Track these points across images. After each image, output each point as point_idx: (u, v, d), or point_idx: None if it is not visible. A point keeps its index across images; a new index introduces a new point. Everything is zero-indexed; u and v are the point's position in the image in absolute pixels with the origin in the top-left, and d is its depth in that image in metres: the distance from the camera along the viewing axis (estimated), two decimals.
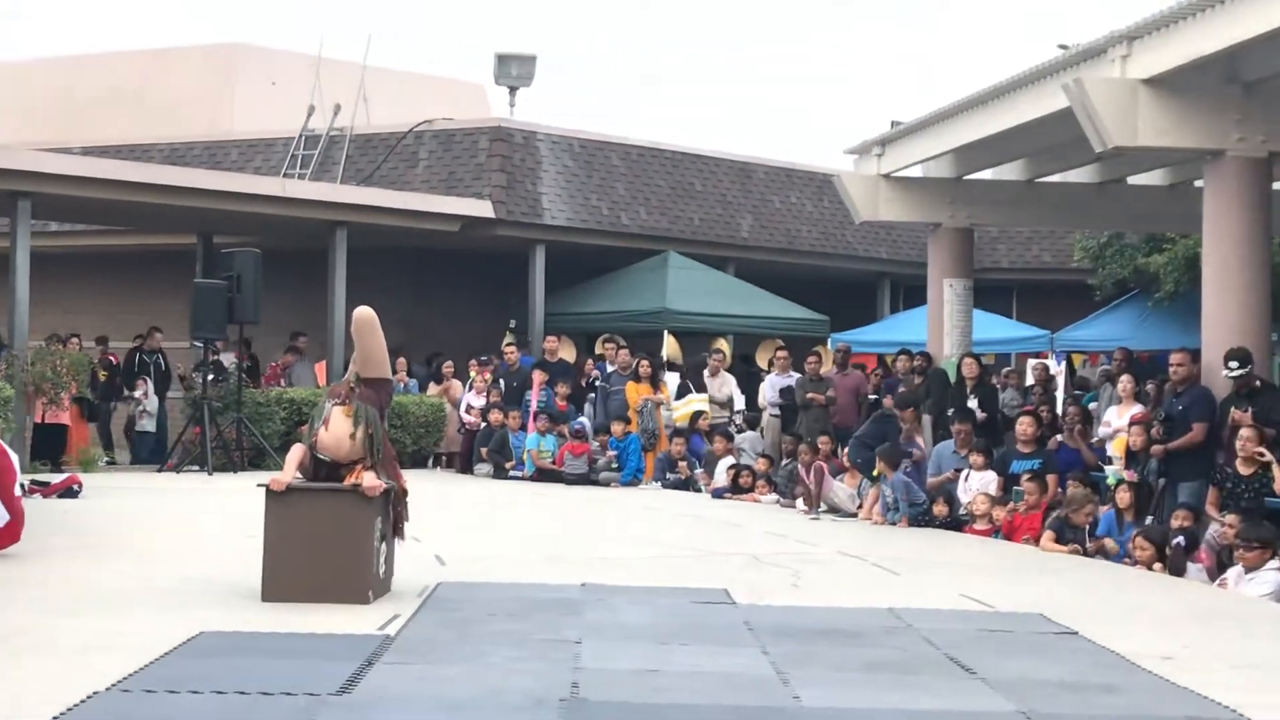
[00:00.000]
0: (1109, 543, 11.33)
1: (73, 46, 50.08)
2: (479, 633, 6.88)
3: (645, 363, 17.86)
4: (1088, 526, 11.52)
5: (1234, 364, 12.39)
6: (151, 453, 18.93)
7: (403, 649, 6.46)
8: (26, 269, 17.09)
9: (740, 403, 18.18)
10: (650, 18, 61.24)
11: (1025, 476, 12.72)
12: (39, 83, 27.84)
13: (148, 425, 19.23)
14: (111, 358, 19.64)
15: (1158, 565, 10.42)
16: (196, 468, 16.53)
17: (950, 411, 14.93)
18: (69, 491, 13.12)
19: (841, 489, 13.98)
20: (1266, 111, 12.98)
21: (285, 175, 21.51)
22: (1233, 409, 12.29)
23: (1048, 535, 11.59)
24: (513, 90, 24.84)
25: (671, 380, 18.48)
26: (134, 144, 23.07)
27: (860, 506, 13.61)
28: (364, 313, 8.19)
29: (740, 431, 17.19)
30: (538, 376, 18.03)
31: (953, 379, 16.47)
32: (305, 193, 19.62)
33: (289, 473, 7.90)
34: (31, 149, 19.80)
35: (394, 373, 18.85)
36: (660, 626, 7.20)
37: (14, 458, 9.52)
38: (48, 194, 17.40)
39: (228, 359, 18.34)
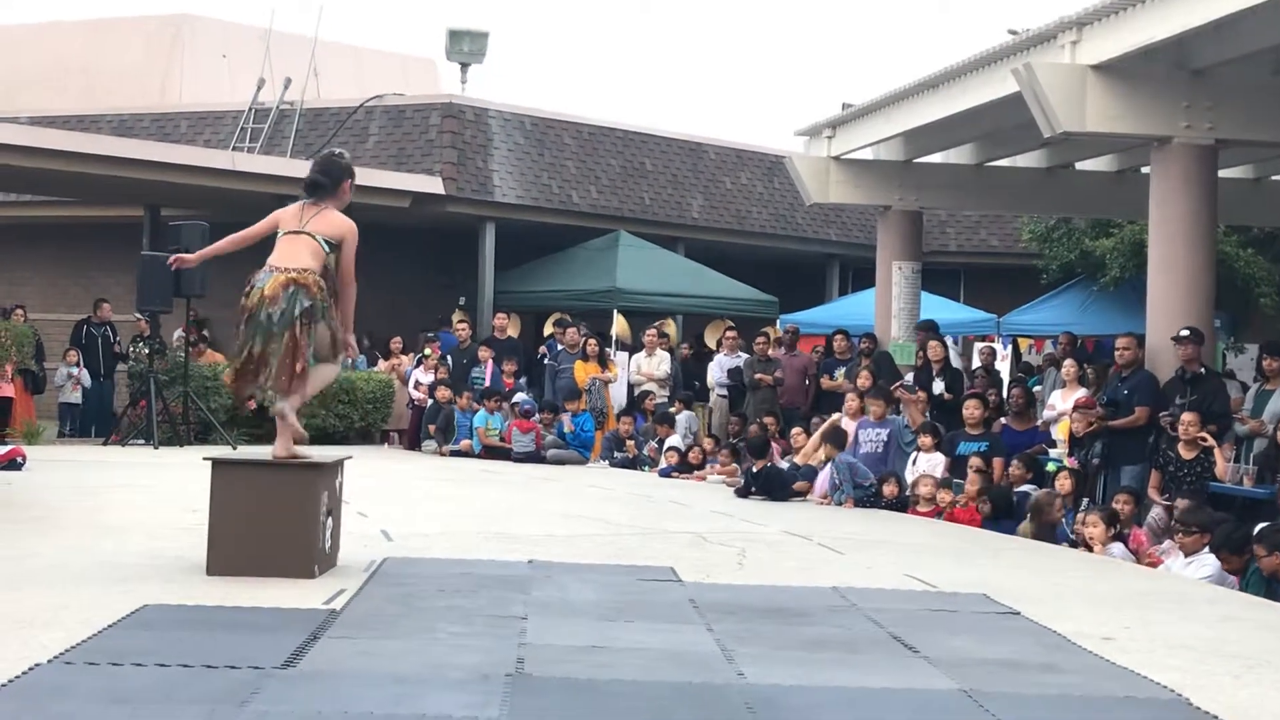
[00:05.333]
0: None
1: (21, 16, 49.45)
2: (425, 608, 6.88)
3: (593, 342, 17.87)
4: (1062, 520, 11.52)
5: (1185, 332, 12.48)
6: (79, 425, 18.78)
7: (348, 623, 6.44)
8: None
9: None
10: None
11: (973, 460, 12.83)
12: None
13: (74, 397, 19.02)
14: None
15: (1109, 545, 10.50)
16: (142, 441, 16.43)
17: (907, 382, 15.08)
18: (12, 464, 12.99)
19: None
20: (1214, 99, 13.11)
21: (235, 149, 21.36)
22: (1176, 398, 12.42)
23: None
24: (464, 66, 24.75)
25: (620, 360, 18.52)
26: (82, 115, 22.87)
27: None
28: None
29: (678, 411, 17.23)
30: (484, 353, 18.03)
31: (911, 362, 16.57)
32: (255, 166, 19.50)
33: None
34: None
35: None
36: (606, 604, 7.22)
37: None
38: None
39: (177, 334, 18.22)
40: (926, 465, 13.18)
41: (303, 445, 7.96)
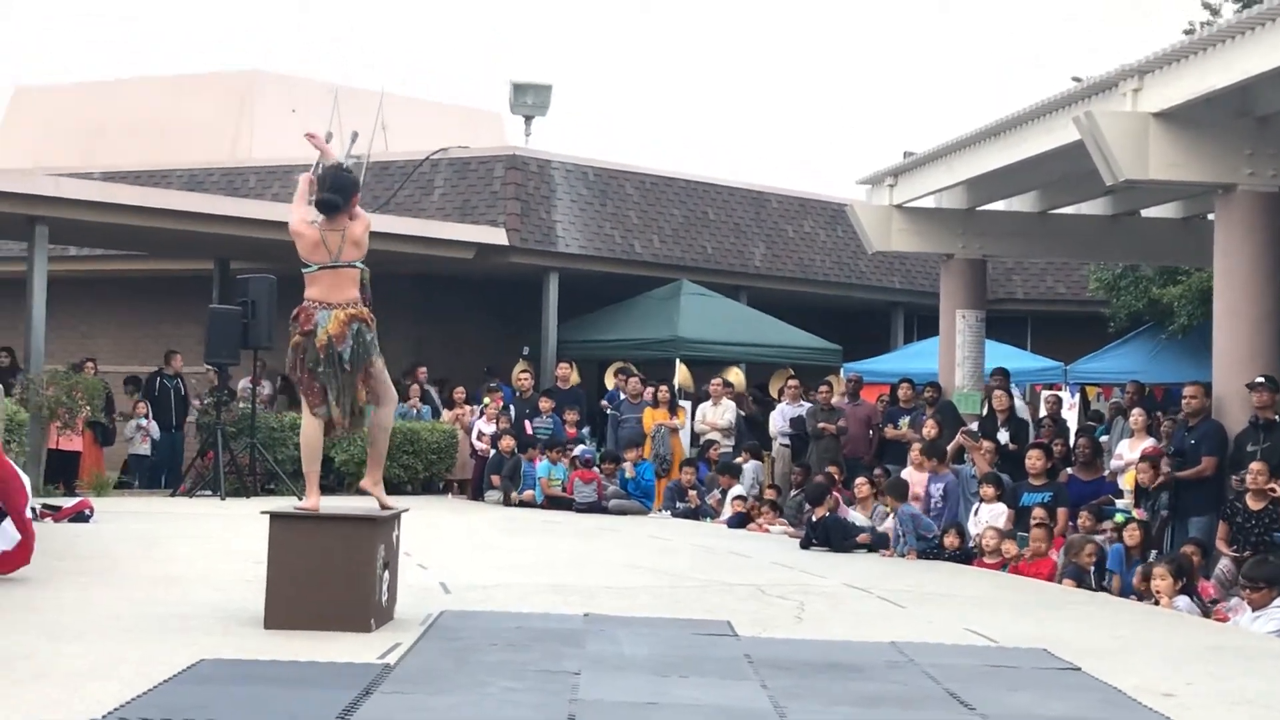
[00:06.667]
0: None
1: (96, 73, 50.40)
2: (478, 662, 6.89)
3: (664, 388, 17.92)
4: (1093, 564, 11.45)
5: (1260, 379, 12.29)
6: (148, 477, 19.00)
7: (401, 678, 6.47)
8: (43, 294, 17.20)
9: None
10: (666, 48, 61.48)
11: (1036, 511, 12.69)
12: (61, 109, 28.06)
13: (143, 449, 19.22)
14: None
15: (1179, 598, 10.35)
16: (209, 492, 16.59)
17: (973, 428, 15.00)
18: (80, 516, 13.16)
19: (858, 517, 14.00)
20: (1278, 146, 12.97)
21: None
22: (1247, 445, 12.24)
23: (1067, 583, 11.50)
24: (528, 119, 24.96)
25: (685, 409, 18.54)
26: (154, 170, 23.23)
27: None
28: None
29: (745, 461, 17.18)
30: (544, 404, 18.12)
31: (977, 411, 16.46)
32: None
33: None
34: (51, 174, 19.95)
35: (414, 382, 19.04)
36: (660, 658, 7.20)
37: (26, 480, 9.58)
38: (66, 219, 17.53)
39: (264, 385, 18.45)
40: (989, 516, 13.06)
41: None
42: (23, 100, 29.11)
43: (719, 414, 18.05)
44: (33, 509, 12.00)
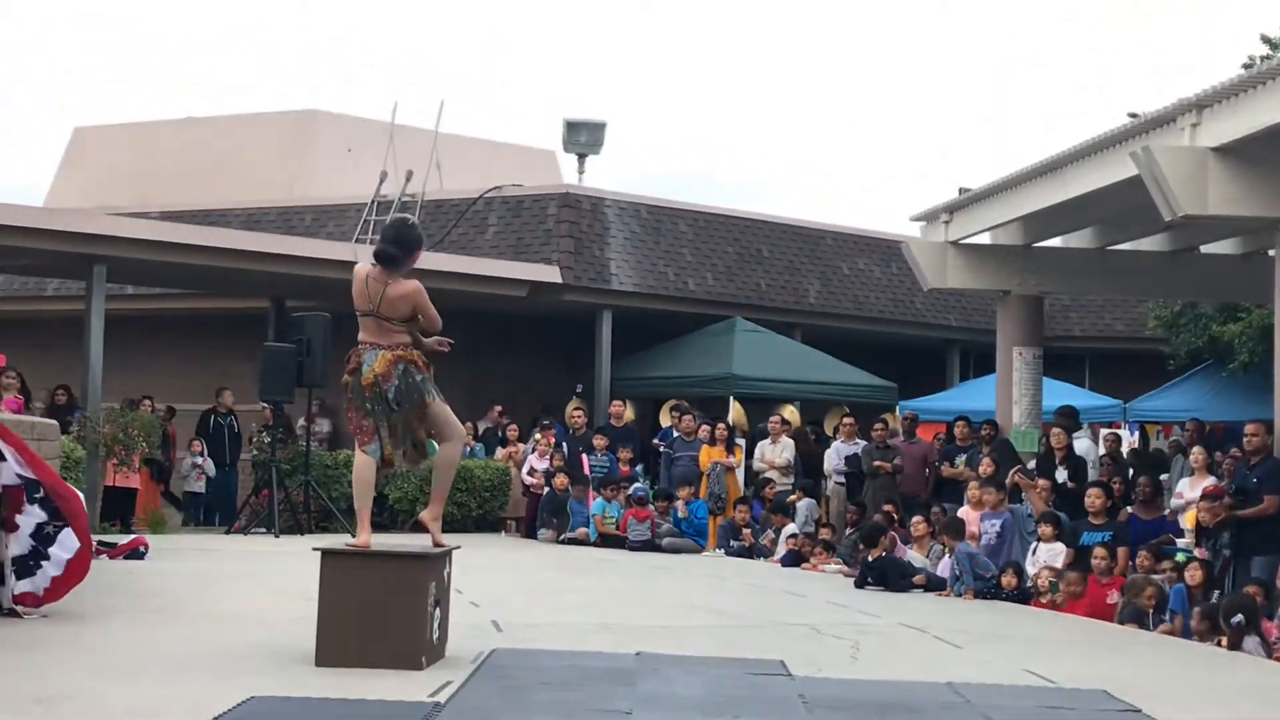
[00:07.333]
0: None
1: (153, 112, 51.06)
2: (529, 701, 6.83)
3: (721, 426, 17.84)
4: (1152, 606, 11.27)
5: None
6: (203, 514, 19.10)
7: (452, 716, 6.42)
8: (101, 332, 17.35)
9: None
10: (719, 85, 61.61)
11: (1096, 550, 12.51)
12: (120, 148, 28.37)
13: (198, 486, 19.33)
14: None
15: (1245, 639, 10.18)
16: (264, 530, 16.63)
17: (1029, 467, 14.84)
18: (135, 553, 13.21)
19: (915, 556, 13.87)
20: None
21: (357, 241, 21.71)
22: None
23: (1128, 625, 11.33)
24: (582, 157, 25.02)
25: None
26: (210, 209, 23.42)
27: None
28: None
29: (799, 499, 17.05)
30: (598, 442, 18.08)
31: (1034, 449, 16.29)
32: None
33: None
34: (110, 213, 20.15)
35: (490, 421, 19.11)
36: (713, 699, 7.11)
37: (81, 497, 9.64)
38: (124, 258, 17.67)
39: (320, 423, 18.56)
40: (1047, 555, 12.90)
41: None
42: (82, 140, 29.46)
43: (777, 452, 17.94)
44: None
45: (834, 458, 17.91)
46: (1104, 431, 19.32)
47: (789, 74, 61.21)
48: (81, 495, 9.65)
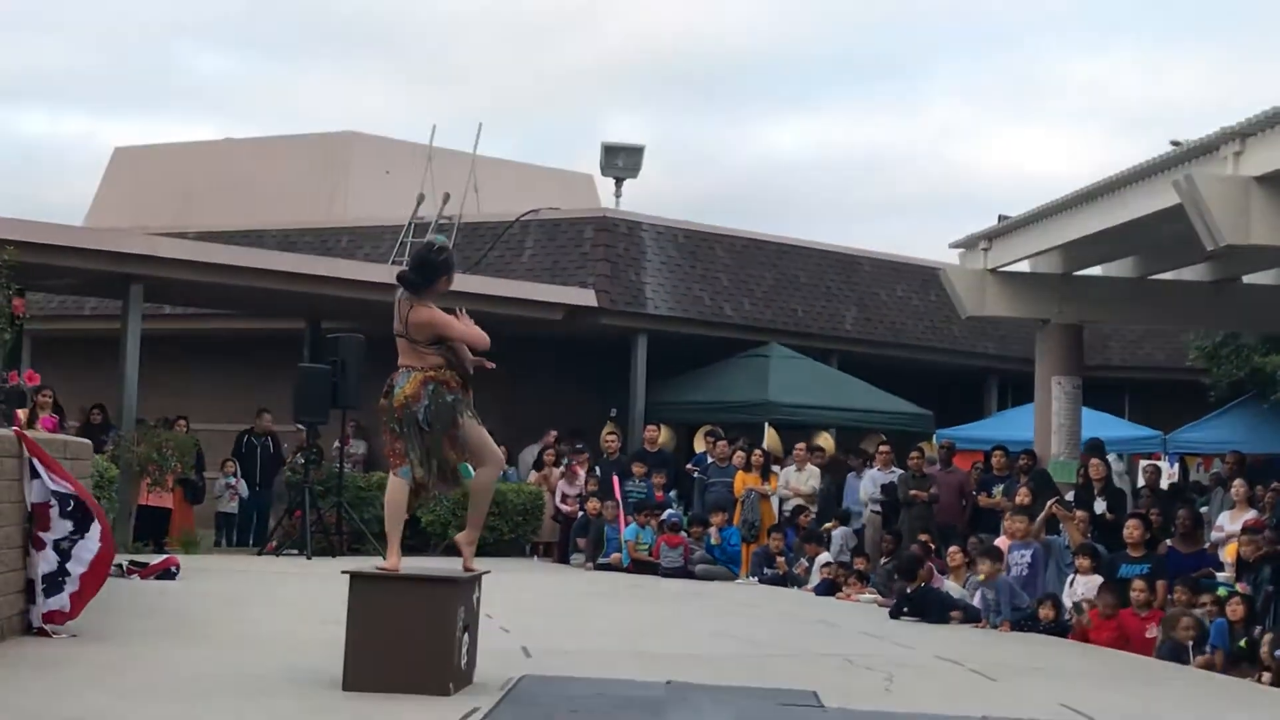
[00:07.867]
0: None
1: (191, 134, 51.37)
2: None
3: (758, 453, 17.71)
4: (1192, 639, 11.09)
5: None
6: (235, 535, 19.09)
7: None
8: (137, 352, 17.40)
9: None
10: (756, 110, 61.60)
11: (1135, 583, 12.33)
12: (159, 169, 28.53)
13: (230, 507, 19.33)
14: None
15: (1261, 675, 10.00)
16: (296, 551, 16.60)
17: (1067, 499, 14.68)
18: (166, 573, 13.19)
19: (953, 586, 13.72)
20: None
21: (394, 263, 21.71)
22: None
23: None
24: (619, 181, 24.99)
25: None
26: (247, 229, 23.49)
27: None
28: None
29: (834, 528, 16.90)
30: (637, 469, 17.98)
31: (1072, 480, 16.11)
32: None
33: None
34: (147, 233, 20.22)
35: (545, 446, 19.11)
36: None
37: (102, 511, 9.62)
38: (161, 277, 17.72)
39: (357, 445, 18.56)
40: (1084, 588, 12.72)
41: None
42: (121, 160, 29.64)
43: (802, 479, 17.80)
44: (119, 565, 12.10)
45: (869, 486, 17.76)
46: (1143, 463, 19.11)
47: (826, 103, 61.17)
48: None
